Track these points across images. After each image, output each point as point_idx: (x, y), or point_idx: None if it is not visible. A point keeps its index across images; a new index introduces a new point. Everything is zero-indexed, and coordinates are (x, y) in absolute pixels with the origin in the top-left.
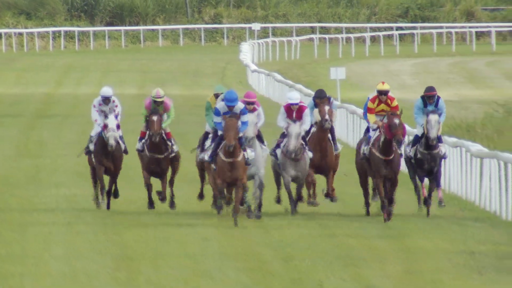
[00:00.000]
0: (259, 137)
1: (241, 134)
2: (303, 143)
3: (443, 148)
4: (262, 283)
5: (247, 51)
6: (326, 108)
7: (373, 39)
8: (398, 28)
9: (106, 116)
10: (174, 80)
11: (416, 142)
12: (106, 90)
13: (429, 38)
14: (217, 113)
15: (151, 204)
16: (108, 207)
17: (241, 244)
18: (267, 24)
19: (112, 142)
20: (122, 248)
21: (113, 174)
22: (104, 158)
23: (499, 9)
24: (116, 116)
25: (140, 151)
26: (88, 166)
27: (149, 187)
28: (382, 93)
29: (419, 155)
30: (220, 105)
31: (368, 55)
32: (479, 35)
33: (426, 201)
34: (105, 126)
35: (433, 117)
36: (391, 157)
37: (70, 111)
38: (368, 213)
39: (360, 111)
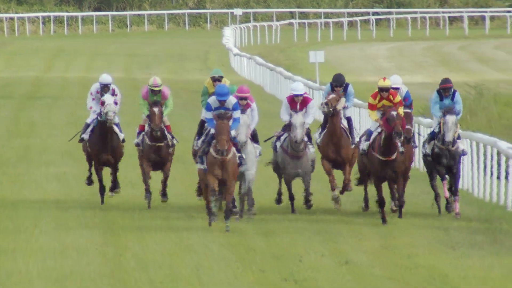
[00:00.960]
0: (253, 137)
1: (233, 133)
2: (305, 138)
3: (461, 145)
4: (244, 258)
5: (230, 35)
6: (330, 96)
7: (351, 24)
8: (374, 13)
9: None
10: (159, 63)
11: (433, 138)
12: (106, 77)
13: (404, 23)
14: (208, 108)
15: (148, 192)
16: (113, 189)
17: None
18: (248, 10)
19: (110, 114)
20: (109, 223)
21: (113, 165)
22: (102, 149)
23: None
24: (115, 103)
25: (139, 145)
26: (79, 149)
27: (147, 179)
28: (383, 89)
29: (436, 150)
30: (212, 99)
31: (345, 39)
32: (452, 20)
33: (448, 207)
34: (102, 103)
35: (451, 118)
36: (393, 156)
37: (59, 93)
38: (366, 207)
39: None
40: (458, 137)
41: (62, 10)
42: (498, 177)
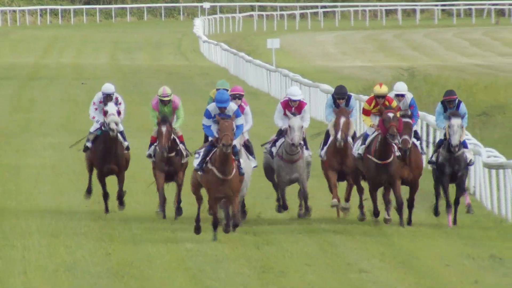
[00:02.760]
0: (248, 147)
1: (236, 142)
2: (301, 142)
3: (468, 154)
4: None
5: (199, 25)
6: (342, 121)
7: (302, 16)
8: (322, 7)
9: (105, 112)
10: (140, 49)
11: (439, 146)
12: (108, 87)
13: (347, 15)
14: (207, 115)
15: (162, 208)
16: (122, 204)
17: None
18: (215, 3)
19: (113, 126)
20: (98, 186)
21: (118, 174)
22: (106, 158)
23: None
24: (118, 112)
25: (151, 156)
26: (72, 122)
27: (161, 193)
28: (380, 96)
29: (440, 159)
30: (211, 106)
31: (298, 28)
32: (388, 12)
33: (448, 208)
34: (105, 113)
35: (456, 122)
36: (389, 160)
37: (55, 75)
38: (361, 216)
39: (291, 75)
40: (465, 146)
41: (57, 4)
42: (427, 145)
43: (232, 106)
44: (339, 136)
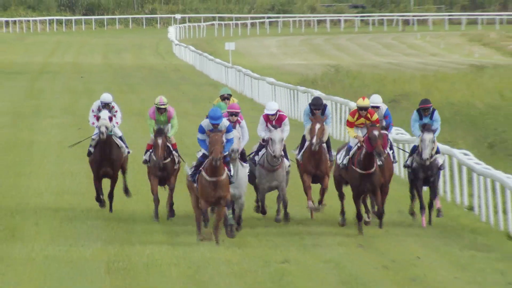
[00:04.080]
0: (242, 154)
1: (226, 153)
2: (282, 153)
3: (440, 159)
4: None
5: (172, 32)
6: (317, 127)
7: (252, 25)
8: (268, 17)
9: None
10: (126, 51)
11: (413, 152)
12: (107, 97)
13: (288, 24)
14: (201, 130)
15: (156, 216)
16: (110, 209)
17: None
18: (185, 15)
19: (103, 129)
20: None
21: (112, 176)
22: (101, 161)
23: (332, 5)
24: (110, 118)
25: (147, 162)
26: (73, 106)
27: (155, 197)
28: (362, 108)
29: (414, 164)
30: (205, 122)
31: (249, 34)
32: (319, 21)
33: (422, 210)
34: (98, 118)
35: (428, 137)
36: (372, 170)
37: (59, 70)
38: (343, 221)
39: (244, 70)
40: (438, 151)
41: (61, 15)
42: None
43: (225, 122)
44: (314, 140)
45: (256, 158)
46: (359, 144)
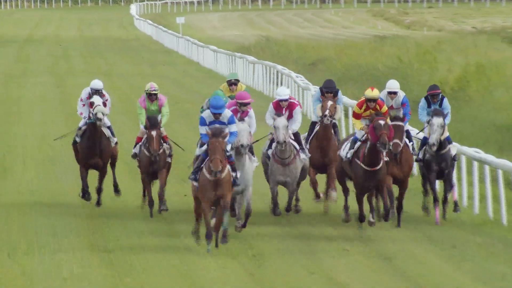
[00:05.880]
0: (250, 147)
1: (229, 148)
2: (296, 146)
3: (453, 149)
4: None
5: (134, 9)
6: (329, 103)
7: (199, 3)
8: None
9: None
10: (96, 24)
11: (424, 143)
12: (97, 83)
13: (227, 2)
14: (202, 122)
15: (150, 211)
16: (98, 203)
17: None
18: None
19: (100, 115)
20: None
21: (101, 168)
22: (91, 152)
23: None
24: (104, 104)
25: (136, 155)
26: (57, 67)
27: (149, 198)
28: (371, 100)
29: (427, 156)
30: (206, 113)
31: (195, 11)
32: (253, 0)
33: (444, 203)
34: (91, 104)
35: (437, 121)
36: (378, 167)
37: (42, 40)
38: (347, 217)
39: (191, 40)
40: (450, 142)
41: None
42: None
43: (227, 112)
44: (327, 112)
45: (270, 151)
46: (364, 138)
